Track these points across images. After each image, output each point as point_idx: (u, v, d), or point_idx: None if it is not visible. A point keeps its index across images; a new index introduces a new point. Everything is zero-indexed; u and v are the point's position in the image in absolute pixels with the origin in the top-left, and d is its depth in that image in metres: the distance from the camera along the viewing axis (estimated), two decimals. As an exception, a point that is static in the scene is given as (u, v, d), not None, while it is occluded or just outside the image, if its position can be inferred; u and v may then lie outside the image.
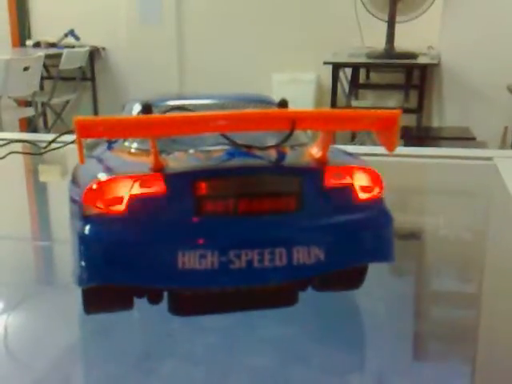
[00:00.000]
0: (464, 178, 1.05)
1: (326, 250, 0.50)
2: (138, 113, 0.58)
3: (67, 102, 4.45)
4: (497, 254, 0.76)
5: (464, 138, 3.26)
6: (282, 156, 0.53)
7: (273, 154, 0.53)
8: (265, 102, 0.62)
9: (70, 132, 0.81)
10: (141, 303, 0.53)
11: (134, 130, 0.48)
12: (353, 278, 0.56)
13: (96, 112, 4.61)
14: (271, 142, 0.54)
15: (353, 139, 3.81)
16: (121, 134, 0.50)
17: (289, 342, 0.53)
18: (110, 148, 0.57)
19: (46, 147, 0.90)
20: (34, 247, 0.79)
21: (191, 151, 0.53)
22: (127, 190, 0.48)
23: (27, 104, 4.10)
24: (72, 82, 4.33)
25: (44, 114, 4.43)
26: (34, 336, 0.56)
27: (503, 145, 3.54)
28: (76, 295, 0.52)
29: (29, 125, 4.47)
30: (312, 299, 0.56)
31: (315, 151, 0.53)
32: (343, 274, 0.54)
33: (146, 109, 0.56)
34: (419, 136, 3.46)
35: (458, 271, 0.73)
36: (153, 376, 0.50)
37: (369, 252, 0.53)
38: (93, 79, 4.56)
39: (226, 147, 0.53)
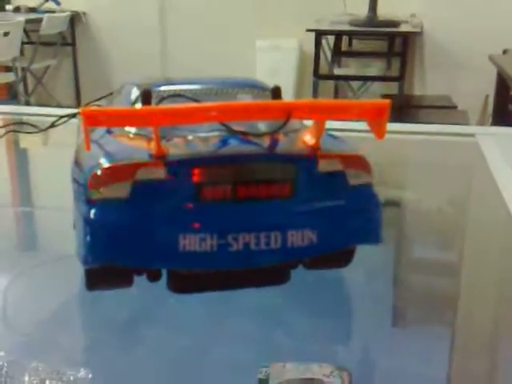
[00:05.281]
0: (447, 154, 1.08)
1: (319, 233, 0.53)
2: (137, 98, 0.60)
3: (48, 67, 4.40)
4: (476, 225, 0.80)
5: (445, 107, 3.27)
6: (276, 143, 0.56)
7: (268, 140, 0.56)
8: (258, 87, 0.64)
9: (74, 115, 0.84)
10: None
11: (138, 121, 0.50)
12: (342, 258, 0.60)
13: (76, 77, 4.56)
14: (265, 127, 0.57)
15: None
16: (125, 123, 0.52)
17: (275, 312, 0.57)
18: (109, 132, 0.59)
19: (46, 128, 0.94)
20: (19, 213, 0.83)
21: (190, 137, 0.55)
22: (130, 176, 0.51)
23: (7, 69, 4.05)
24: (53, 47, 4.28)
25: (24, 80, 4.37)
26: (25, 302, 0.59)
27: (484, 113, 3.57)
28: (68, 263, 0.55)
29: (9, 90, 4.42)
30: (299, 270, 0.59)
31: (308, 138, 0.56)
32: (333, 254, 0.58)
33: (146, 95, 0.57)
34: (401, 104, 3.48)
35: (440, 242, 0.77)
36: (141, 342, 0.53)
37: (358, 235, 0.56)
38: (74, 44, 4.50)
39: (223, 133, 0.55)
